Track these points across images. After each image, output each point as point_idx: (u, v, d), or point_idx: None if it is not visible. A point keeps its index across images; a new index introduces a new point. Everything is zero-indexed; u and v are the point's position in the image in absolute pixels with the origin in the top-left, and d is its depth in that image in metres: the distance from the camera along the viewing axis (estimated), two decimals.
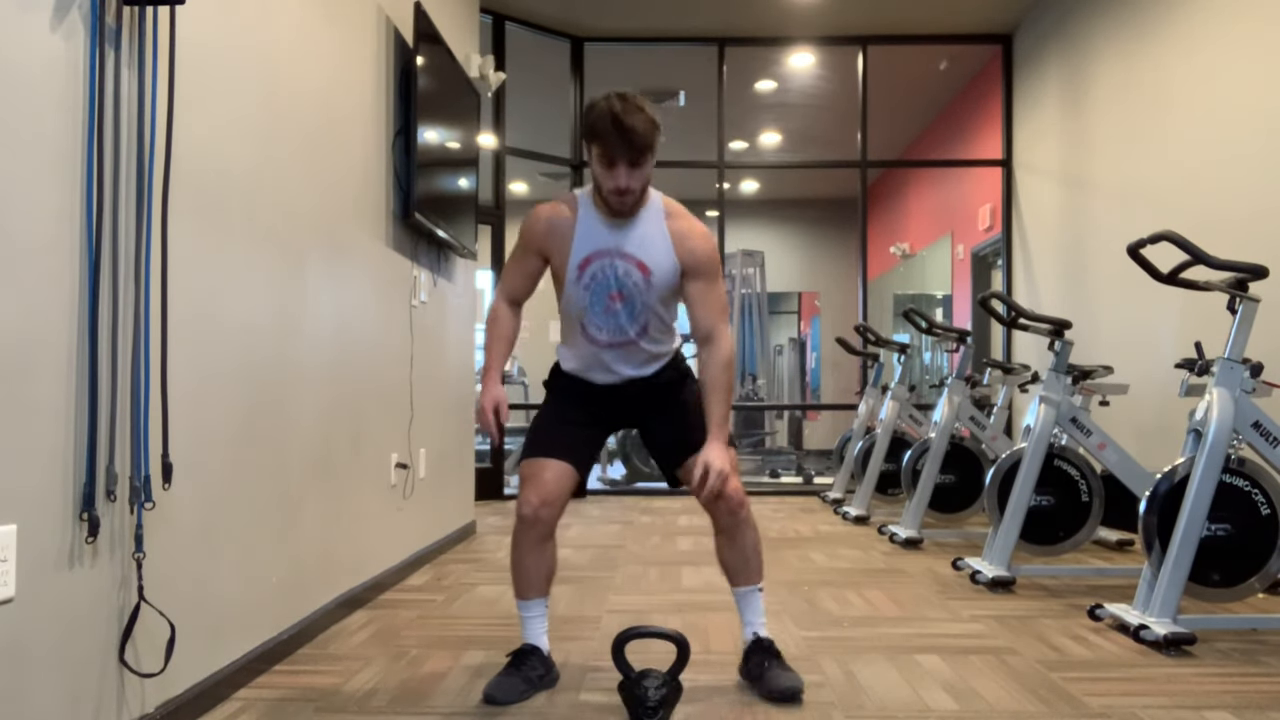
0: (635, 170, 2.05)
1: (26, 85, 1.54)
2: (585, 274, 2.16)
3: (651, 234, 2.15)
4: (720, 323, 2.19)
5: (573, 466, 2.20)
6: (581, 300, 2.19)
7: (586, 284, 2.17)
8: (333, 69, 2.93)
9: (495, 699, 2.13)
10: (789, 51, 6.97)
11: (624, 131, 2.01)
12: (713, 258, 2.19)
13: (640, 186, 2.09)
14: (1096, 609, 2.91)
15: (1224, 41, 4.06)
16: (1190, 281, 2.87)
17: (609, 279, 2.16)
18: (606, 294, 2.17)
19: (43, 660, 1.58)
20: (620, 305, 2.18)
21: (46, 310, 1.58)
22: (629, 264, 2.15)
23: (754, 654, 2.24)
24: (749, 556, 2.27)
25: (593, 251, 2.15)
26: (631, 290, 2.16)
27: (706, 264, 2.17)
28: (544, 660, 2.26)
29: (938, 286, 8.37)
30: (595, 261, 2.15)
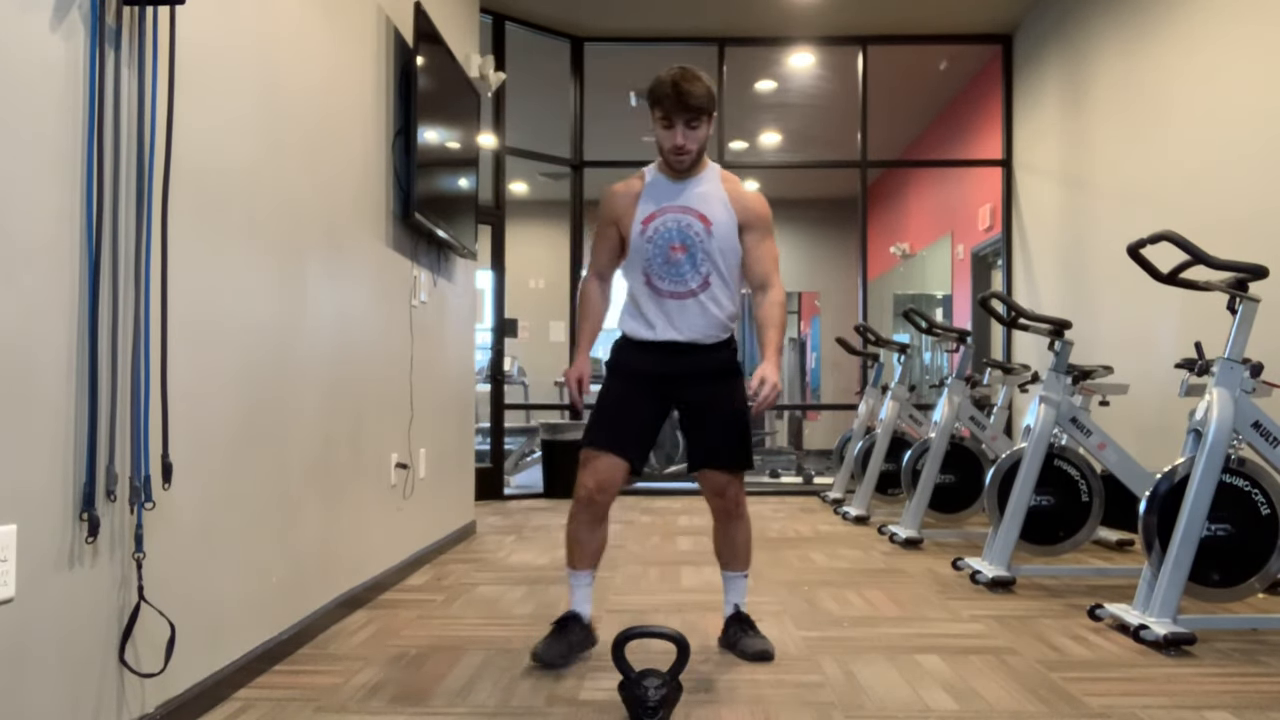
0: (691, 131, 2.32)
1: (26, 85, 1.54)
2: (649, 227, 2.42)
3: (710, 192, 2.42)
4: (773, 272, 2.46)
5: (626, 459, 2.45)
6: (644, 251, 2.43)
7: (650, 236, 2.41)
8: (333, 69, 2.93)
9: (543, 660, 2.40)
10: (789, 51, 6.97)
11: (681, 95, 2.28)
12: (766, 214, 2.47)
13: (697, 148, 2.35)
14: (1096, 609, 2.91)
15: (1224, 41, 4.06)
16: (1190, 281, 2.87)
17: (671, 231, 2.40)
18: (669, 245, 2.41)
19: (43, 660, 1.58)
20: (682, 256, 2.41)
21: (46, 310, 1.58)
22: (690, 216, 2.40)
23: (732, 624, 2.57)
24: (739, 546, 2.56)
25: (657, 208, 2.42)
26: (693, 240, 2.40)
27: (761, 219, 2.45)
28: (584, 626, 2.51)
29: (938, 286, 8.37)
30: (659, 217, 2.41)
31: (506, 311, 6.42)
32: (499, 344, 6.30)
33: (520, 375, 8.60)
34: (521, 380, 8.64)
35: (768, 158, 9.45)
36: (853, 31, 6.55)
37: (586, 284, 2.56)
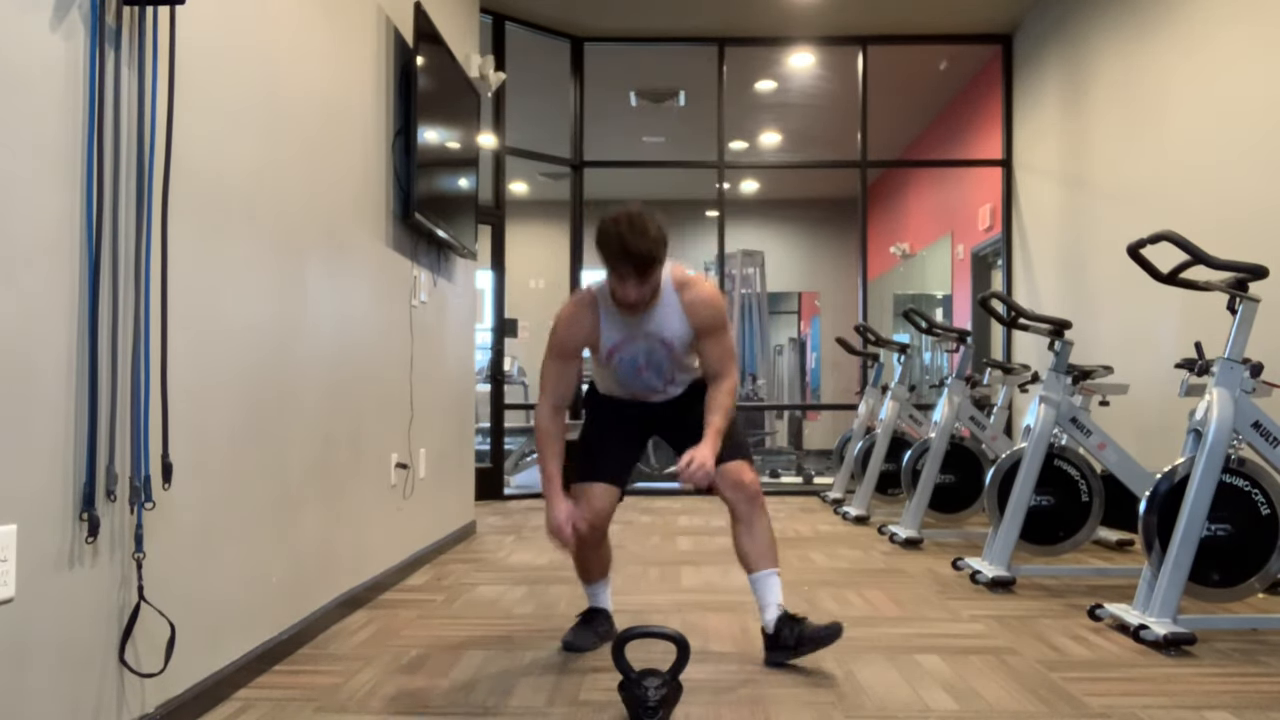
0: (644, 282, 2.28)
1: (27, 85, 1.54)
2: (614, 358, 2.47)
3: (667, 313, 2.41)
4: (726, 366, 2.47)
5: (617, 486, 2.55)
6: (611, 370, 2.53)
7: (616, 364, 2.49)
8: (333, 69, 2.93)
9: (574, 646, 2.57)
10: (789, 51, 6.97)
11: (629, 255, 2.22)
12: (719, 319, 2.46)
13: (650, 291, 2.32)
14: (1096, 609, 2.91)
15: (1223, 41, 4.06)
16: (1190, 281, 2.87)
17: (636, 357, 2.47)
18: (634, 366, 2.48)
19: (43, 660, 1.58)
20: (648, 371, 2.50)
21: (46, 310, 1.58)
22: (652, 343, 2.44)
23: (784, 625, 2.40)
24: (764, 538, 2.46)
25: (617, 342, 2.45)
26: (658, 359, 2.47)
27: (714, 325, 2.44)
28: (608, 618, 2.69)
29: (938, 286, 8.37)
30: (621, 349, 2.45)
31: (506, 311, 6.42)
32: (499, 344, 6.30)
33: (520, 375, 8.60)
34: (521, 380, 8.64)
35: (768, 158, 9.46)
36: (853, 31, 6.55)
37: (544, 417, 2.47)
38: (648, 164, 8.44)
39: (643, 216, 2.25)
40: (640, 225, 2.23)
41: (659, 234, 2.24)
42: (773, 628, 2.40)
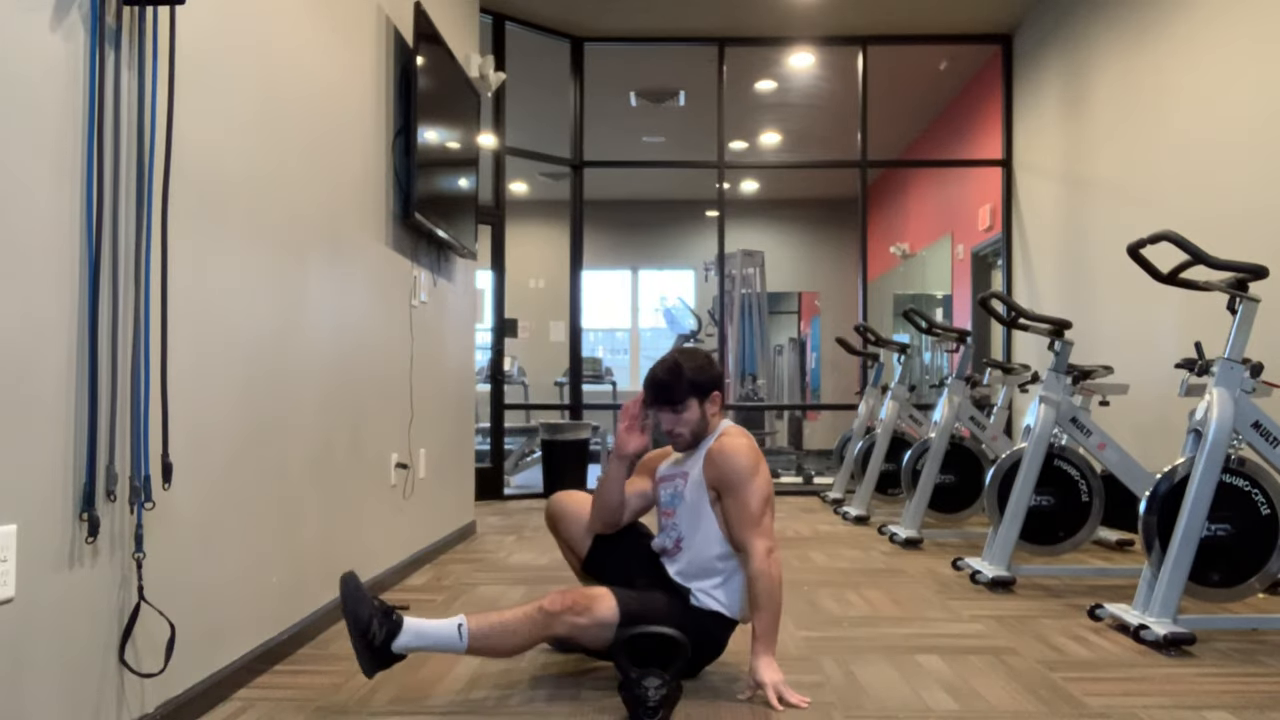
0: (679, 416, 2.34)
1: (27, 85, 1.54)
2: (658, 489, 2.48)
3: (699, 457, 2.38)
4: (750, 536, 2.22)
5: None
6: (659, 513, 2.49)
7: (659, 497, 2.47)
8: (333, 69, 2.93)
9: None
10: (789, 51, 6.97)
11: (655, 386, 2.35)
12: (737, 473, 2.26)
13: (688, 431, 2.35)
14: (1096, 609, 2.91)
15: (1224, 41, 4.06)
16: (1190, 281, 2.87)
17: (664, 499, 2.44)
18: (666, 510, 2.44)
19: (43, 660, 1.58)
20: (672, 519, 2.40)
21: (46, 310, 1.58)
22: (679, 480, 2.40)
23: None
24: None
25: (664, 475, 2.47)
26: (678, 504, 2.39)
27: (731, 483, 2.27)
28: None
29: (938, 286, 8.37)
30: (662, 484, 2.47)
31: (506, 311, 6.42)
32: (499, 344, 6.30)
33: (520, 375, 8.60)
34: (521, 380, 8.64)
35: (768, 158, 9.46)
36: (853, 31, 6.55)
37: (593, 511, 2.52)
38: (648, 164, 8.44)
39: (693, 354, 2.40)
40: (671, 362, 2.36)
41: (690, 376, 2.32)
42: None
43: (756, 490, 2.26)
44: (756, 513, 2.23)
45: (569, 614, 2.14)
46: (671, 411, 2.34)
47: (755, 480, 2.27)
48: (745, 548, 2.22)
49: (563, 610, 2.14)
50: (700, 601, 2.30)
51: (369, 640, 2.08)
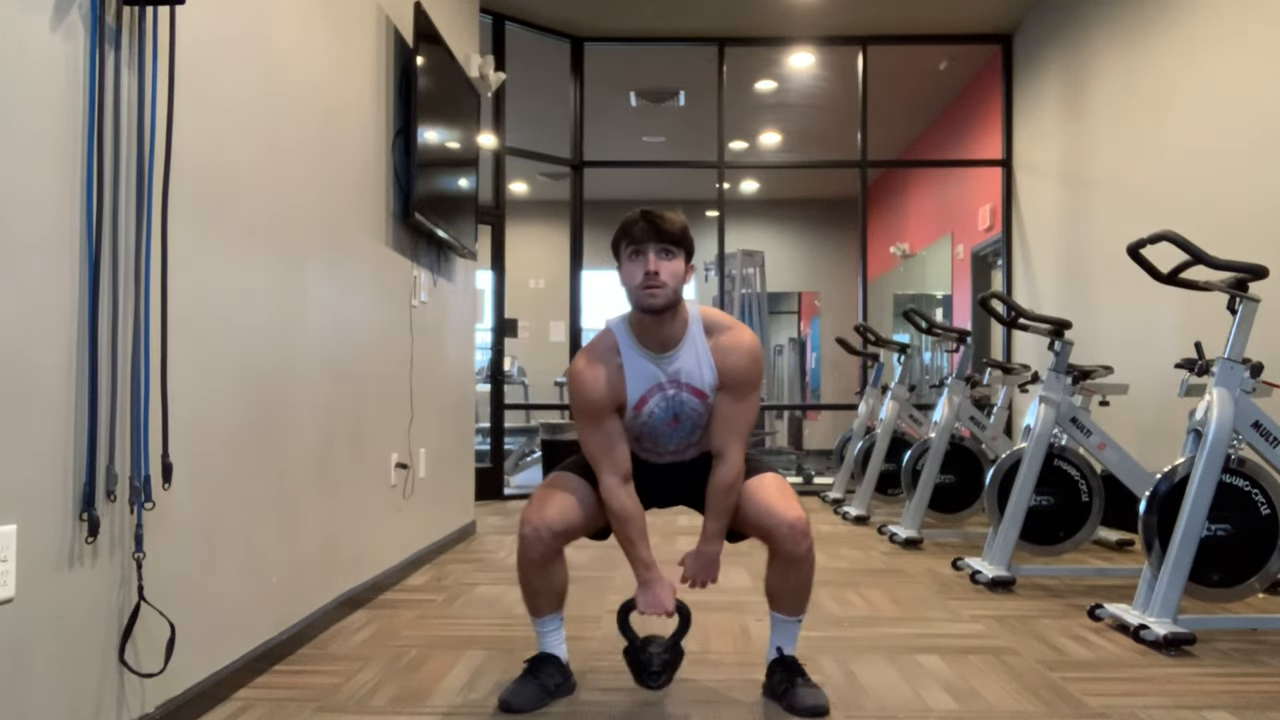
0: (664, 261, 2.01)
1: (27, 85, 1.54)
2: (642, 412, 2.12)
3: (699, 357, 2.10)
4: (733, 443, 2.11)
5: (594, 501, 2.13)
6: (635, 430, 2.16)
7: (645, 419, 2.13)
8: (333, 69, 2.93)
9: (512, 706, 2.08)
10: (789, 51, 6.97)
11: (651, 218, 2.02)
12: (749, 376, 2.13)
13: (672, 283, 2.02)
14: (1096, 609, 2.91)
15: (1224, 41, 4.06)
16: (1190, 281, 2.87)
17: (667, 409, 2.13)
18: (664, 423, 2.14)
19: (43, 660, 1.58)
20: (678, 427, 2.15)
21: (46, 309, 1.58)
22: (685, 393, 2.11)
23: (777, 669, 2.17)
24: (801, 590, 2.14)
25: (647, 390, 2.10)
26: (689, 415, 2.14)
27: (740, 381, 2.12)
28: (562, 668, 2.20)
29: (938, 286, 8.37)
30: (650, 400, 2.11)
31: (506, 311, 6.42)
32: (499, 344, 6.30)
33: (520, 375, 8.60)
34: (521, 380, 8.65)
35: (768, 158, 9.46)
36: (853, 31, 6.55)
37: (613, 493, 2.09)
38: (648, 164, 8.44)
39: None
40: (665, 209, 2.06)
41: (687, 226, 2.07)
42: (768, 665, 2.21)
43: (756, 401, 2.16)
44: (749, 422, 2.14)
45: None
46: (665, 255, 2.01)
47: (758, 390, 2.16)
48: (725, 452, 2.09)
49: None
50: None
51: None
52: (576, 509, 2.12)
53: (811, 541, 2.08)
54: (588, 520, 2.14)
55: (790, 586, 2.13)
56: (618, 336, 2.12)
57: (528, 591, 2.17)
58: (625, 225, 2.04)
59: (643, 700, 2.17)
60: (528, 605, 2.19)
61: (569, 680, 2.22)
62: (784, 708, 2.10)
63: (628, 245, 2.03)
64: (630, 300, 2.06)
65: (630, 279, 2.03)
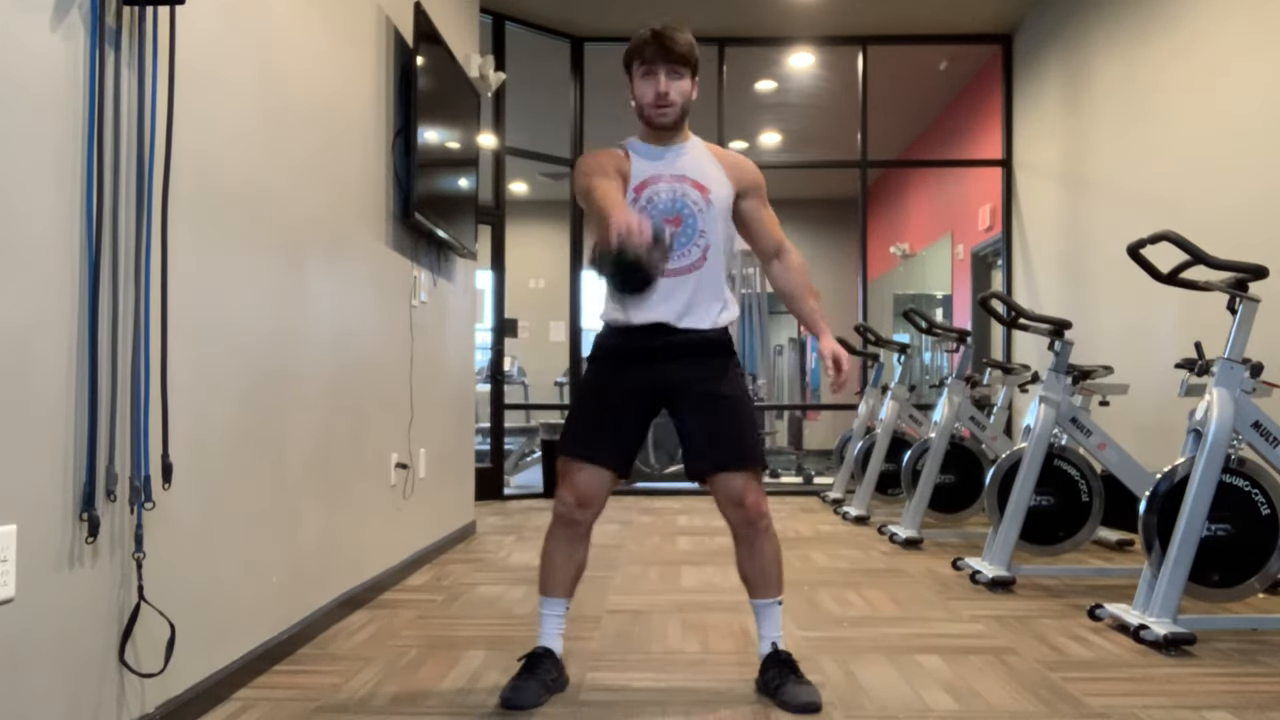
0: (674, 81, 2.17)
1: (27, 85, 1.54)
2: (641, 197, 2.17)
3: (701, 161, 2.24)
4: (782, 236, 2.33)
5: (611, 468, 2.18)
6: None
7: (642, 206, 2.16)
8: (333, 69, 2.93)
9: (513, 703, 2.09)
10: (789, 51, 6.97)
11: (661, 39, 2.14)
12: (761, 178, 2.32)
13: (680, 100, 2.18)
14: (1096, 609, 2.91)
15: (1224, 41, 4.06)
16: (1190, 281, 2.87)
17: (664, 203, 2.17)
18: (663, 218, 2.15)
19: (43, 660, 1.58)
20: (677, 229, 2.16)
21: (46, 310, 1.58)
22: (685, 185, 2.19)
23: (771, 666, 2.19)
24: (767, 568, 2.20)
25: (647, 177, 2.19)
26: (691, 211, 2.17)
27: (758, 184, 2.30)
28: (557, 663, 2.21)
29: (938, 286, 8.37)
30: (650, 186, 2.18)
31: (506, 311, 6.43)
32: (499, 344, 6.30)
33: (520, 375, 8.60)
34: (521, 380, 8.65)
35: (768, 158, 9.45)
36: (853, 31, 6.55)
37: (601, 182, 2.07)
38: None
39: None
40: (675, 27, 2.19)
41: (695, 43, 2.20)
42: (761, 661, 2.21)
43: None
44: (778, 223, 2.33)
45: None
46: (674, 74, 2.16)
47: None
48: (783, 247, 2.31)
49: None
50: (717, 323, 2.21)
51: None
52: (602, 478, 2.19)
53: (768, 521, 2.19)
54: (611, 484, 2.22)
55: (758, 566, 2.21)
56: (627, 142, 2.27)
57: (548, 567, 2.21)
58: (637, 44, 2.18)
59: (643, 700, 2.17)
60: (542, 584, 2.22)
61: (564, 675, 2.24)
62: (777, 704, 2.12)
63: (639, 65, 2.18)
64: (640, 116, 2.22)
65: (642, 97, 2.20)
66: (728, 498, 2.16)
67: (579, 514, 2.17)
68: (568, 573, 2.21)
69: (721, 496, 2.17)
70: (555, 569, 2.21)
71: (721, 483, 2.15)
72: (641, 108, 2.21)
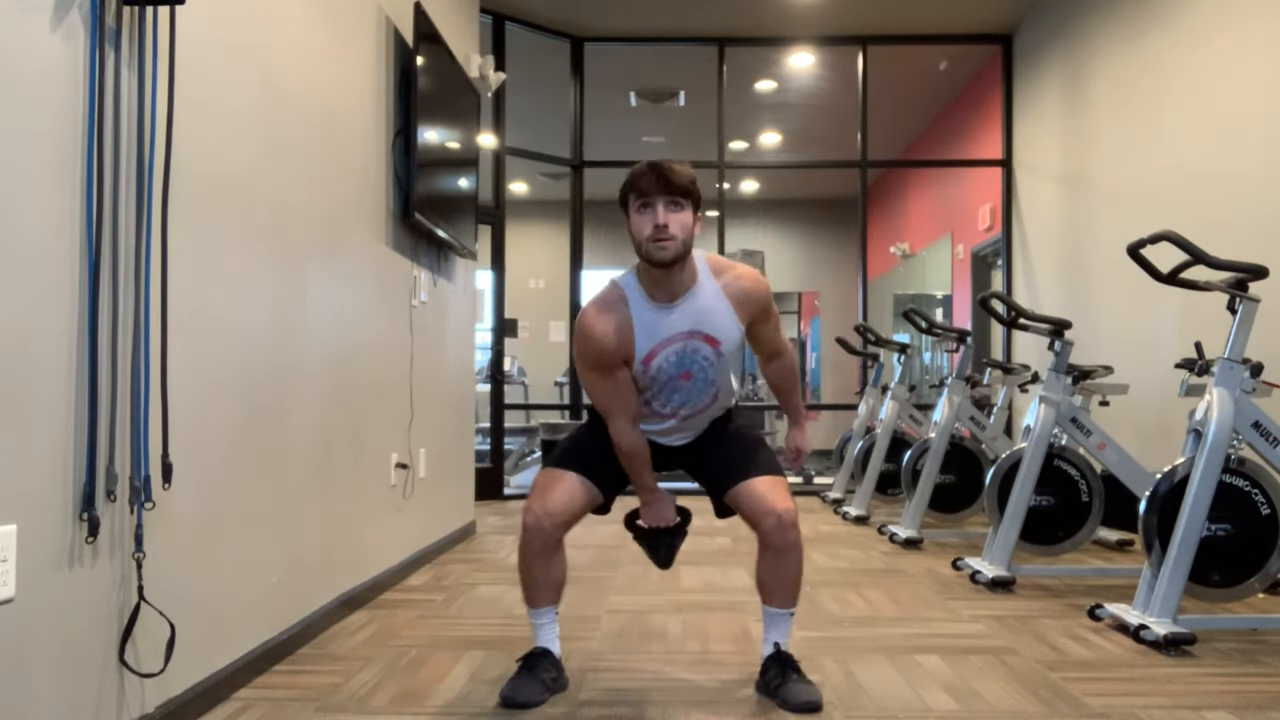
0: (673, 213, 2.00)
1: (26, 85, 1.54)
2: (651, 366, 2.11)
3: (711, 305, 2.10)
4: (783, 343, 2.34)
5: (593, 486, 2.18)
6: (645, 384, 2.15)
7: (654, 374, 2.13)
8: (333, 69, 2.93)
9: (513, 702, 2.10)
10: (789, 51, 6.97)
11: (660, 170, 2.01)
12: (768, 301, 2.19)
13: (681, 235, 2.00)
14: (1096, 609, 2.91)
15: (1224, 41, 4.06)
16: (1190, 281, 2.87)
17: (675, 364, 2.12)
18: (676, 375, 2.14)
19: (43, 660, 1.58)
20: (688, 383, 2.15)
21: (46, 310, 1.58)
22: (696, 340, 2.10)
23: (772, 665, 2.18)
24: (789, 580, 2.18)
25: (656, 344, 2.10)
26: (701, 366, 2.14)
27: (765, 309, 2.19)
28: (555, 663, 2.22)
29: (938, 286, 8.37)
30: (660, 352, 2.10)
31: (506, 311, 6.42)
32: (499, 344, 6.30)
33: (520, 375, 8.60)
34: (521, 380, 8.65)
35: (768, 158, 9.45)
36: (853, 31, 6.55)
37: (623, 433, 2.15)
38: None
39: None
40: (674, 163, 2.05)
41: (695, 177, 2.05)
42: (763, 661, 2.22)
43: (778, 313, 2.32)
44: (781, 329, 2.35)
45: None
46: (673, 206, 2.00)
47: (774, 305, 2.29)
48: (780, 351, 2.34)
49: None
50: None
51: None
52: (578, 491, 2.17)
53: (799, 533, 2.14)
54: (588, 500, 2.19)
55: (779, 578, 2.18)
56: (626, 290, 2.11)
57: (527, 581, 2.21)
58: (633, 177, 2.04)
59: (643, 700, 2.17)
60: (526, 597, 2.23)
61: (563, 675, 2.24)
62: (777, 704, 2.12)
63: (636, 198, 2.03)
64: (639, 253, 2.05)
65: (639, 232, 2.03)
66: (759, 506, 2.12)
67: (545, 522, 2.13)
68: (549, 584, 2.22)
69: (752, 508, 2.13)
70: (535, 583, 2.21)
71: (751, 494, 2.14)
72: (639, 244, 2.03)
